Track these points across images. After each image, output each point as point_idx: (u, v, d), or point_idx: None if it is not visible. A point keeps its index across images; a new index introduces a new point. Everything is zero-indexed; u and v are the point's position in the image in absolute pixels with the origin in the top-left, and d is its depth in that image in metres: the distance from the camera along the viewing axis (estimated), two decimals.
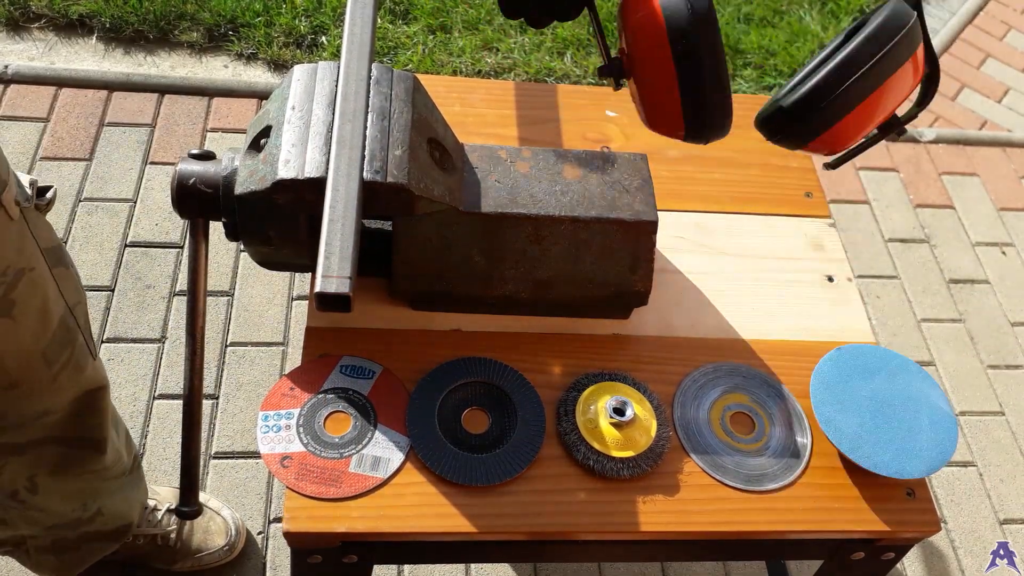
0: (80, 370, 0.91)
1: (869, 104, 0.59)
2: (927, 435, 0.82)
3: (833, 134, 0.60)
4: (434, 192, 0.76)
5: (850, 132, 0.61)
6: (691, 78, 0.52)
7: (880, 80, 0.58)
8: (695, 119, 0.54)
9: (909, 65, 0.59)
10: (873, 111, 0.60)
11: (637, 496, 0.79)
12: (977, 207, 2.00)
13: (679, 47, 0.51)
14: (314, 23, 2.07)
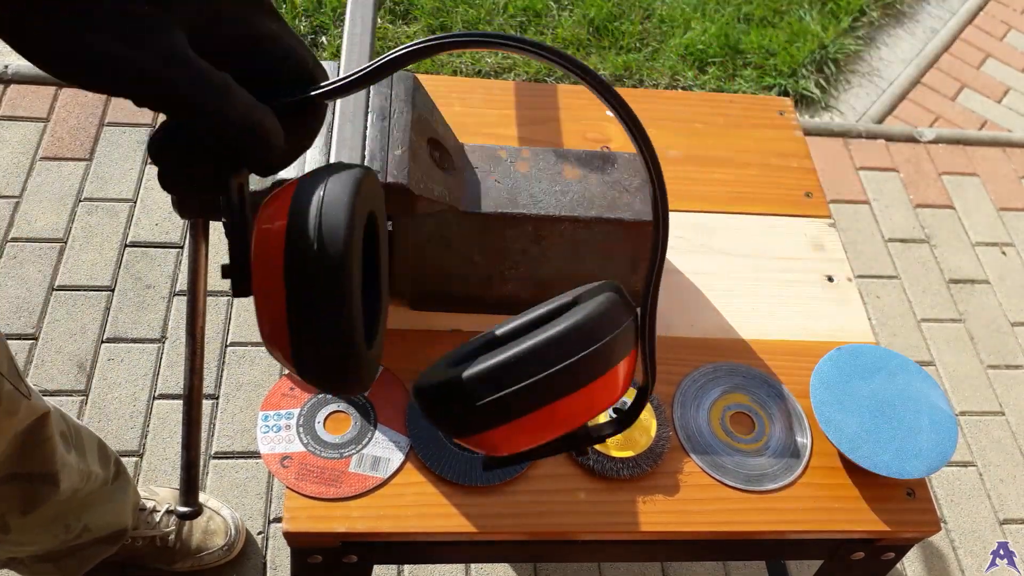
0: (12, 414, 0.86)
1: (549, 413, 0.45)
2: (927, 435, 0.82)
3: (497, 436, 0.45)
4: (434, 192, 0.76)
5: (518, 439, 0.45)
6: (302, 327, 0.39)
7: (570, 388, 0.44)
8: (302, 367, 0.41)
9: (613, 374, 0.46)
10: (553, 421, 0.45)
11: (637, 496, 0.78)
12: (977, 207, 2.00)
13: (293, 281, 0.38)
14: (314, 23, 2.07)
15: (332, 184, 0.40)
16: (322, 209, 0.39)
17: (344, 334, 0.40)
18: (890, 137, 2.10)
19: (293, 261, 0.39)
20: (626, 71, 2.13)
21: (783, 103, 1.14)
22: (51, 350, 1.46)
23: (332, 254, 0.38)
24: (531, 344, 0.44)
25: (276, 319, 0.40)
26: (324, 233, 0.39)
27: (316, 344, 0.40)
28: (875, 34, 2.42)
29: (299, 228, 0.39)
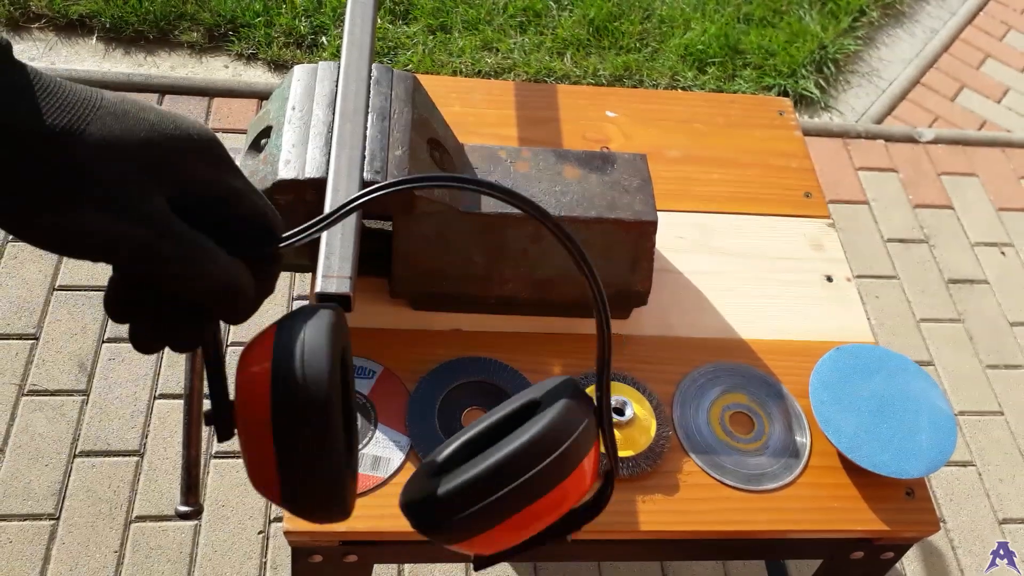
0: None
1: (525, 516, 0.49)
2: (926, 435, 0.82)
3: (479, 542, 0.49)
4: (434, 192, 0.77)
5: (502, 540, 0.50)
6: (289, 461, 0.42)
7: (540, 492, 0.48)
8: (293, 504, 0.43)
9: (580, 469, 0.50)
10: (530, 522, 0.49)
11: (636, 496, 0.79)
12: (976, 207, 2.00)
13: (281, 422, 0.41)
14: (314, 23, 2.07)
15: (310, 331, 0.42)
16: (304, 358, 0.41)
17: (333, 473, 0.43)
18: (889, 137, 2.10)
19: (280, 408, 0.41)
20: (626, 71, 2.14)
21: (783, 103, 1.15)
22: (52, 350, 1.46)
23: (317, 401, 0.41)
24: (500, 457, 0.48)
25: (264, 462, 0.42)
26: (309, 381, 0.41)
27: (307, 483, 0.43)
28: (875, 34, 2.42)
29: (284, 377, 0.41)
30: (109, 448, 1.37)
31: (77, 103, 0.36)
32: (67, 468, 1.34)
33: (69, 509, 1.31)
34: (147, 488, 1.34)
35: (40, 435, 1.37)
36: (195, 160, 0.39)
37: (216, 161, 0.40)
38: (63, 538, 1.28)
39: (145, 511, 1.32)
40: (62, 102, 0.36)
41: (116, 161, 0.36)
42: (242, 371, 0.43)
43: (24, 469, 1.34)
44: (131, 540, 1.30)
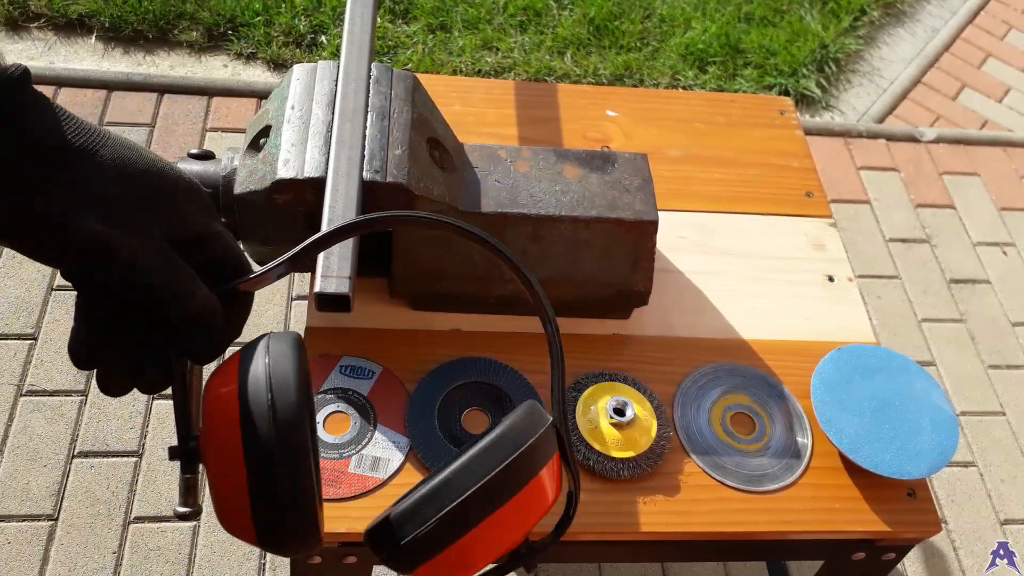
0: None
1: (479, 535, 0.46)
2: (928, 435, 0.81)
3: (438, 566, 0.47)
4: (434, 192, 0.76)
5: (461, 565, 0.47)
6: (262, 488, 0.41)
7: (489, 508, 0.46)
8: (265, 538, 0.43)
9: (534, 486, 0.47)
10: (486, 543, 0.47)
11: (637, 497, 0.78)
12: (978, 207, 2.00)
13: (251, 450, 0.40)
14: (313, 22, 2.07)
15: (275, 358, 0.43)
16: (271, 387, 0.41)
17: (306, 504, 0.42)
18: (891, 137, 2.10)
19: (251, 439, 0.41)
20: (626, 70, 2.13)
21: (784, 102, 1.14)
22: (50, 350, 1.46)
23: (289, 432, 0.41)
24: (444, 474, 0.46)
25: (235, 494, 0.42)
26: (279, 413, 0.41)
27: (283, 515, 0.42)
28: (876, 33, 2.41)
29: (251, 407, 0.41)
30: (108, 449, 1.37)
31: (91, 130, 0.40)
32: (65, 469, 1.34)
33: (67, 510, 1.31)
34: (146, 489, 1.34)
35: (38, 435, 1.37)
36: (184, 198, 0.43)
37: (201, 204, 0.44)
38: (61, 539, 1.28)
39: (144, 512, 1.32)
40: (79, 126, 0.39)
41: (123, 182, 0.40)
42: (209, 405, 0.43)
43: (22, 470, 1.33)
44: (130, 541, 1.29)
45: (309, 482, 0.42)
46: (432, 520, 0.45)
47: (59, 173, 0.38)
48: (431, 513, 0.46)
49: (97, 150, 0.40)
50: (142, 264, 0.40)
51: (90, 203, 0.39)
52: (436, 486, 0.46)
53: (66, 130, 0.39)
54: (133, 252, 0.40)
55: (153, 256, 0.41)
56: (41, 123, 0.38)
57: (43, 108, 0.39)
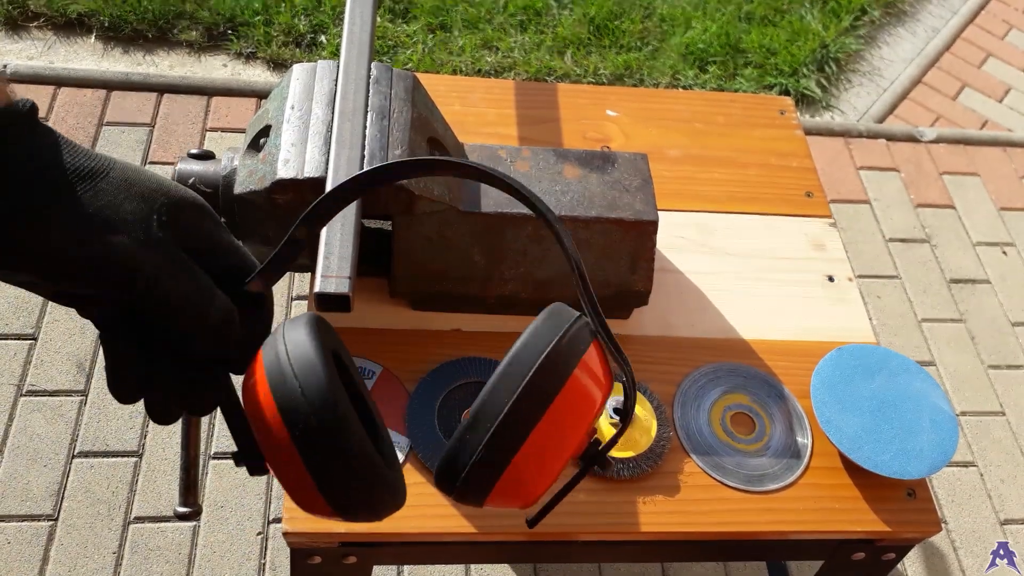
0: None
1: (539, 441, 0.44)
2: (928, 435, 0.81)
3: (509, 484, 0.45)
4: (434, 192, 0.76)
5: (531, 479, 0.46)
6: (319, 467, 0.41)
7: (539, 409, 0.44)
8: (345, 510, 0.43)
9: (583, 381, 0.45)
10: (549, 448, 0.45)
11: (637, 497, 0.78)
12: (978, 207, 2.00)
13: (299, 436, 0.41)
14: (313, 22, 2.07)
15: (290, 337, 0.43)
16: (296, 370, 0.41)
17: (368, 470, 0.42)
18: (891, 137, 2.09)
19: (293, 424, 0.41)
20: (626, 70, 2.13)
21: (784, 102, 1.14)
22: (50, 350, 1.46)
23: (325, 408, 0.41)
24: (482, 395, 0.45)
25: (300, 481, 0.42)
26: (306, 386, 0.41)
27: (348, 486, 0.42)
28: (876, 33, 2.41)
29: (284, 393, 0.41)
30: (108, 449, 1.37)
31: (98, 156, 0.41)
32: (65, 469, 1.34)
33: (67, 510, 1.31)
34: (146, 489, 1.34)
35: (38, 435, 1.37)
36: (195, 214, 0.44)
37: (212, 220, 0.45)
38: (61, 539, 1.28)
39: (144, 512, 1.32)
40: (86, 153, 0.41)
41: (136, 200, 0.41)
42: (249, 404, 0.43)
43: (22, 470, 1.33)
44: (130, 541, 1.29)
45: (362, 448, 0.41)
46: (481, 445, 0.44)
47: (74, 195, 0.39)
48: (478, 439, 0.44)
49: (107, 173, 0.41)
50: (165, 277, 0.41)
51: (108, 221, 0.40)
52: (477, 409, 0.44)
53: (76, 156, 0.40)
54: (156, 266, 0.41)
55: (174, 269, 0.41)
56: (51, 151, 0.40)
57: (51, 138, 0.40)
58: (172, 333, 0.43)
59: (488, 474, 0.45)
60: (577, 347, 0.45)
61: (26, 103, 0.40)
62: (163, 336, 0.43)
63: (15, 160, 0.38)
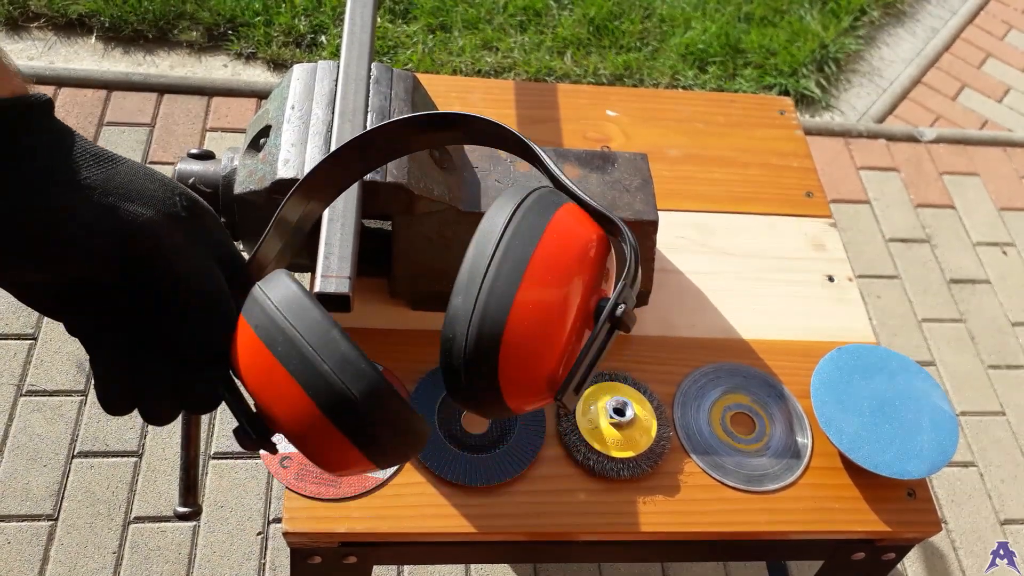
0: None
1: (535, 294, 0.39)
2: (928, 435, 0.81)
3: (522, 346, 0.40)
4: (434, 192, 0.76)
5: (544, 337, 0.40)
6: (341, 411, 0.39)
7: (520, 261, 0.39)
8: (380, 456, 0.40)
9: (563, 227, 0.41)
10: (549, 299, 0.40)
11: (637, 497, 0.78)
12: (978, 207, 2.00)
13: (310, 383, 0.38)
14: (314, 22, 2.07)
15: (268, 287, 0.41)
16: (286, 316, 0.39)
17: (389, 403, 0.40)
18: (891, 137, 2.10)
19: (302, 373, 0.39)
20: (626, 70, 2.13)
21: (783, 102, 1.14)
22: (50, 350, 1.46)
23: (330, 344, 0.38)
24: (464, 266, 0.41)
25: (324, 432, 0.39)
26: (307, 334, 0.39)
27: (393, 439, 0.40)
28: (876, 33, 2.41)
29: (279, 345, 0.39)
30: (107, 449, 1.37)
31: (105, 153, 0.41)
32: (65, 469, 1.34)
33: (67, 510, 1.31)
34: (145, 489, 1.34)
35: (38, 435, 1.37)
36: (206, 213, 0.44)
37: (219, 225, 0.45)
38: (61, 539, 1.28)
39: (144, 512, 1.32)
40: (95, 150, 0.40)
41: (157, 183, 0.41)
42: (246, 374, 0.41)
43: (22, 470, 1.33)
44: (129, 541, 1.29)
45: (378, 385, 0.39)
46: (473, 317, 0.39)
47: (100, 172, 0.39)
48: (466, 314, 0.39)
49: (124, 161, 0.41)
50: (192, 270, 0.41)
51: (132, 194, 0.40)
52: (459, 283, 0.40)
53: (94, 148, 0.40)
54: (180, 239, 0.41)
55: (200, 262, 0.42)
56: (71, 138, 0.40)
57: (68, 133, 0.40)
58: (182, 329, 0.42)
59: (486, 358, 0.40)
60: (547, 202, 0.42)
61: (42, 96, 0.40)
62: (157, 327, 0.42)
63: (39, 143, 0.38)
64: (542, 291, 0.39)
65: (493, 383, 0.41)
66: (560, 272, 0.40)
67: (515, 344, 0.39)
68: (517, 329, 0.39)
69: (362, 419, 0.39)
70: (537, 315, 0.39)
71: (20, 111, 0.39)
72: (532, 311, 0.39)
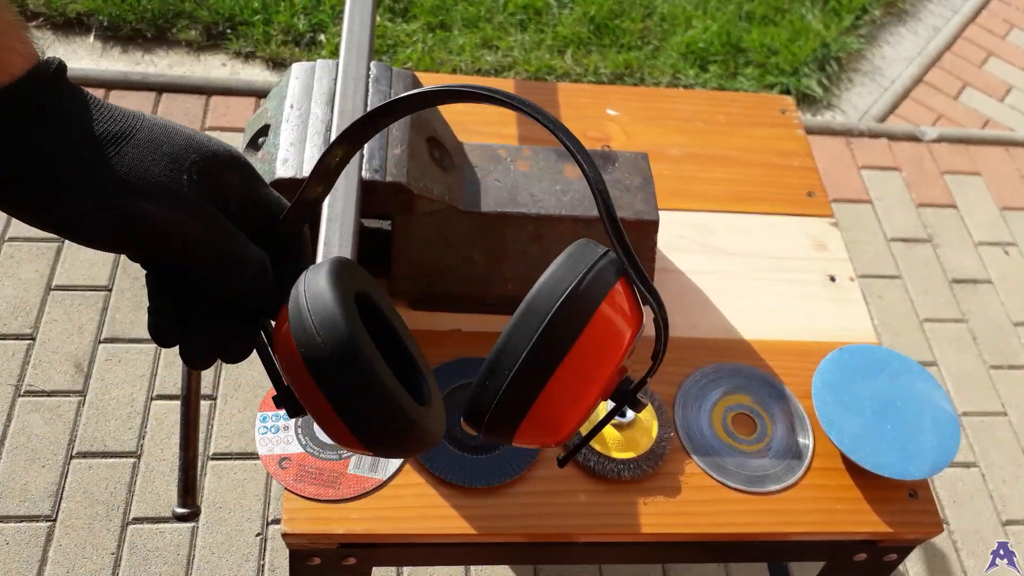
0: None
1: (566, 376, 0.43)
2: (929, 436, 0.81)
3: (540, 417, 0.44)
4: (433, 191, 0.76)
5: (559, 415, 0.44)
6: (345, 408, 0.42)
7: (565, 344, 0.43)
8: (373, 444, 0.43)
9: (609, 318, 0.43)
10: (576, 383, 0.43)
11: (638, 498, 0.78)
12: (980, 206, 1.99)
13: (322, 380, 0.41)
14: (312, 21, 2.06)
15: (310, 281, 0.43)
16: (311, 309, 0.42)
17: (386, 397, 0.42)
18: (892, 136, 2.09)
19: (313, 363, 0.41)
20: (627, 69, 2.13)
21: (785, 101, 1.14)
22: (48, 350, 1.45)
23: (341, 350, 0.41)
24: (507, 329, 0.45)
25: (331, 420, 0.42)
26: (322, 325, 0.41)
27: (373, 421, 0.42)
28: (877, 32, 2.41)
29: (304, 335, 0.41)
30: (106, 449, 1.36)
31: (126, 115, 0.42)
32: (64, 469, 1.34)
33: (66, 511, 1.30)
34: (144, 490, 1.33)
35: (37, 436, 1.36)
36: (225, 167, 0.44)
37: (244, 170, 0.45)
38: (60, 540, 1.28)
39: (142, 513, 1.31)
40: (113, 113, 0.41)
41: (163, 160, 0.41)
42: (279, 351, 0.43)
43: (21, 470, 1.33)
44: (128, 542, 1.29)
45: (383, 385, 0.41)
46: (509, 378, 0.43)
47: (101, 163, 0.40)
48: (505, 374, 0.43)
49: (134, 135, 0.41)
50: (199, 237, 0.41)
51: (135, 186, 0.40)
52: (501, 345, 0.44)
53: (102, 120, 0.40)
54: (190, 227, 0.41)
55: (207, 228, 0.42)
56: (80, 113, 0.40)
57: (79, 97, 0.40)
58: (208, 283, 0.43)
59: (515, 410, 0.44)
60: (603, 282, 0.44)
61: (54, 62, 0.40)
62: (200, 284, 0.43)
63: (46, 128, 0.38)
64: (577, 374, 0.43)
65: (508, 435, 0.45)
66: (599, 362, 0.44)
67: (540, 416, 0.44)
68: (546, 403, 0.43)
69: (331, 374, 0.41)
70: (566, 395, 0.44)
71: (27, 88, 0.38)
72: (563, 391, 0.43)
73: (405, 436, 0.44)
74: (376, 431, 0.43)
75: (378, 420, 0.42)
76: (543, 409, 0.44)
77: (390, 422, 0.43)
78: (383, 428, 0.43)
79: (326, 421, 0.43)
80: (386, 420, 0.42)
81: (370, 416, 0.42)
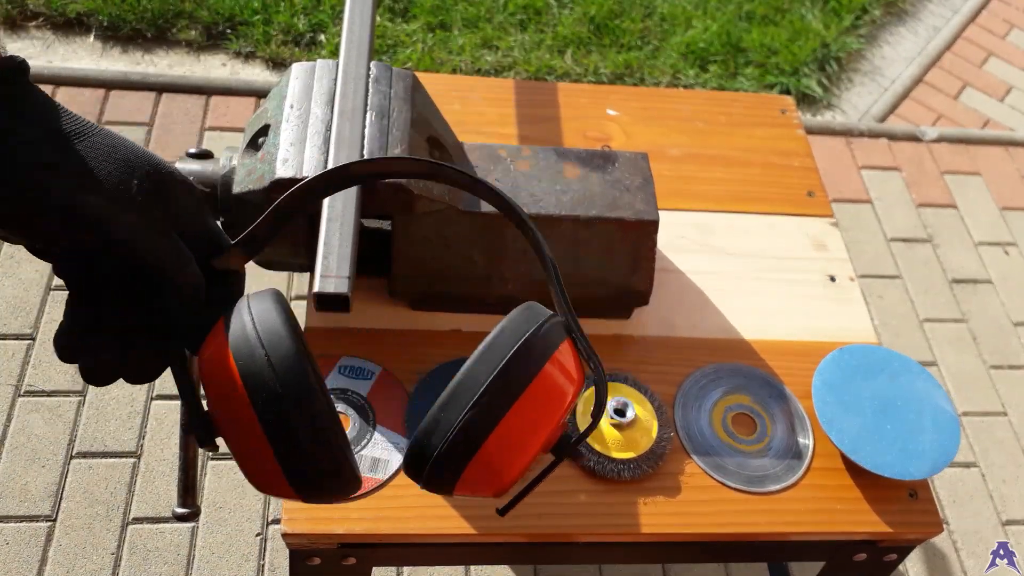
0: None
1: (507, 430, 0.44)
2: (929, 436, 0.81)
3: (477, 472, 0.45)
4: (433, 191, 0.76)
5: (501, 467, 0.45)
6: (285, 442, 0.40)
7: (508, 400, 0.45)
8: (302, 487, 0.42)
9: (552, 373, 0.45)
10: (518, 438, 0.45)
11: (638, 498, 0.78)
12: (980, 206, 1.99)
13: (264, 412, 0.40)
14: (313, 21, 2.06)
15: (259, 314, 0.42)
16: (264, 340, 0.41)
17: (334, 447, 0.41)
18: (892, 136, 2.09)
19: (258, 395, 0.40)
20: (627, 69, 2.13)
21: (785, 101, 1.14)
22: (48, 350, 1.45)
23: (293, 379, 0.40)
24: (453, 383, 0.46)
25: (260, 456, 0.41)
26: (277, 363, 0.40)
27: (310, 463, 0.41)
28: (877, 32, 2.41)
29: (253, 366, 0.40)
30: (106, 449, 1.36)
31: (85, 121, 0.42)
32: (64, 469, 1.34)
33: (66, 511, 1.30)
34: (144, 490, 1.34)
35: (37, 436, 1.36)
36: (178, 191, 0.44)
37: (195, 200, 0.45)
38: (60, 540, 1.28)
39: (142, 513, 1.31)
40: (72, 116, 0.41)
41: (117, 163, 0.41)
42: (207, 373, 0.42)
43: (21, 470, 1.33)
44: (128, 542, 1.29)
45: (329, 422, 0.41)
46: (451, 431, 0.44)
47: (55, 154, 0.40)
48: (448, 425, 0.44)
49: (90, 135, 0.41)
50: (141, 238, 0.41)
51: (86, 180, 0.40)
52: (447, 397, 0.45)
53: (61, 117, 0.41)
54: (131, 226, 0.41)
55: (151, 231, 0.42)
56: (37, 109, 0.40)
57: (38, 97, 0.41)
58: (135, 295, 0.43)
59: (456, 461, 0.45)
60: (550, 341, 0.46)
61: (17, 58, 0.40)
62: (124, 297, 0.43)
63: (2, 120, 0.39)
64: (521, 427, 0.45)
65: (449, 487, 0.46)
66: (542, 416, 0.46)
67: (483, 464, 0.45)
68: (487, 453, 0.45)
69: (282, 413, 0.40)
70: (510, 446, 0.45)
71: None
72: (507, 441, 0.45)
73: (343, 488, 0.43)
74: (313, 478, 0.42)
75: (320, 468, 0.41)
76: (488, 457, 0.45)
77: (333, 475, 0.42)
78: (321, 475, 0.42)
79: (255, 459, 0.41)
80: (330, 471, 0.42)
81: (315, 463, 0.41)
